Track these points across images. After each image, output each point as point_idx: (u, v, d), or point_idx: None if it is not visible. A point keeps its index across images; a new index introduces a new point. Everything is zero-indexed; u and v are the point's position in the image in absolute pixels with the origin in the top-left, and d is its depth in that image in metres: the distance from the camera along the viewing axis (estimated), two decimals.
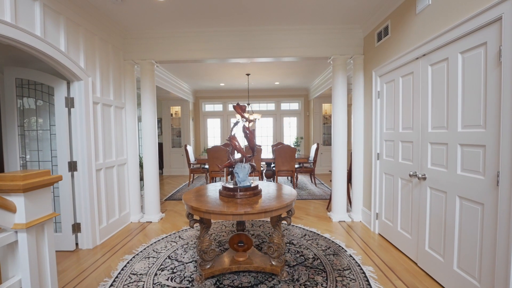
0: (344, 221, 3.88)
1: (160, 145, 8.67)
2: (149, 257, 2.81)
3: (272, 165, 6.30)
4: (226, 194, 2.34)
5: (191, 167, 6.49)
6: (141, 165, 4.38)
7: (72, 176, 3.03)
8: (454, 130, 2.07)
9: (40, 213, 1.31)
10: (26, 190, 1.25)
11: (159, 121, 8.88)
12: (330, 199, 4.36)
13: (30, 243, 1.25)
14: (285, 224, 3.71)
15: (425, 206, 2.43)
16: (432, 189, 2.35)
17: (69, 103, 2.99)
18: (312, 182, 6.76)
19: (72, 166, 3.02)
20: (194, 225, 3.22)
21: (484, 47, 1.78)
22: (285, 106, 9.24)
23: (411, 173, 2.58)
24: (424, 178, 2.42)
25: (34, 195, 1.30)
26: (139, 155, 4.43)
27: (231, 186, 2.36)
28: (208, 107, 9.34)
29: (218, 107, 9.30)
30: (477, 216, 1.87)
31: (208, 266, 2.33)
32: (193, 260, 2.71)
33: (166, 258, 2.77)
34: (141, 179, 4.43)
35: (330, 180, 4.15)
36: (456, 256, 2.07)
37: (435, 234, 2.32)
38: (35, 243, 1.29)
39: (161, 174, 8.54)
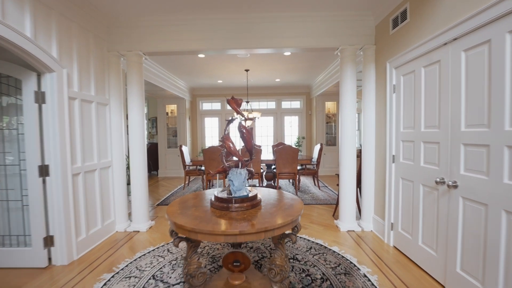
0: (353, 231, 3.48)
1: (155, 146, 8.27)
2: (130, 277, 2.41)
3: (273, 166, 5.90)
4: (219, 205, 1.94)
5: (187, 168, 6.09)
6: (128, 168, 3.98)
7: (44, 182, 2.63)
8: (499, 128, 1.68)
9: None
10: None
11: (154, 120, 8.49)
12: (336, 205, 3.97)
13: None
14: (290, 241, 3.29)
15: (457, 219, 2.03)
16: (466, 199, 1.95)
17: (40, 98, 2.59)
18: (315, 184, 6.36)
19: (44, 171, 2.62)
20: (179, 244, 2.77)
21: None
22: (286, 104, 8.84)
23: (438, 179, 2.18)
24: (455, 186, 2.03)
25: None
26: (127, 157, 4.03)
27: (225, 197, 1.96)
28: (206, 106, 8.93)
29: (216, 106, 8.90)
30: None
31: None
32: (181, 281, 2.32)
33: (150, 278, 2.38)
34: (129, 183, 4.04)
35: (337, 184, 3.75)
36: (502, 285, 1.68)
37: (471, 253, 1.92)
38: None
39: (156, 175, 8.14)
